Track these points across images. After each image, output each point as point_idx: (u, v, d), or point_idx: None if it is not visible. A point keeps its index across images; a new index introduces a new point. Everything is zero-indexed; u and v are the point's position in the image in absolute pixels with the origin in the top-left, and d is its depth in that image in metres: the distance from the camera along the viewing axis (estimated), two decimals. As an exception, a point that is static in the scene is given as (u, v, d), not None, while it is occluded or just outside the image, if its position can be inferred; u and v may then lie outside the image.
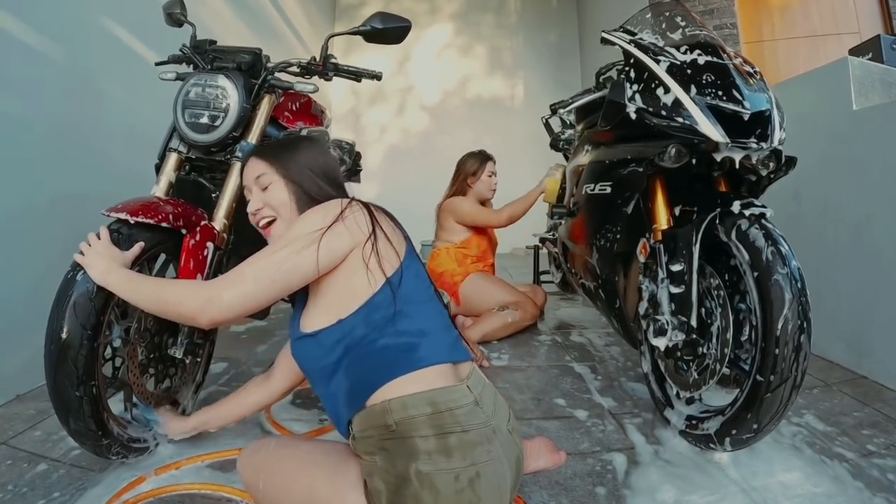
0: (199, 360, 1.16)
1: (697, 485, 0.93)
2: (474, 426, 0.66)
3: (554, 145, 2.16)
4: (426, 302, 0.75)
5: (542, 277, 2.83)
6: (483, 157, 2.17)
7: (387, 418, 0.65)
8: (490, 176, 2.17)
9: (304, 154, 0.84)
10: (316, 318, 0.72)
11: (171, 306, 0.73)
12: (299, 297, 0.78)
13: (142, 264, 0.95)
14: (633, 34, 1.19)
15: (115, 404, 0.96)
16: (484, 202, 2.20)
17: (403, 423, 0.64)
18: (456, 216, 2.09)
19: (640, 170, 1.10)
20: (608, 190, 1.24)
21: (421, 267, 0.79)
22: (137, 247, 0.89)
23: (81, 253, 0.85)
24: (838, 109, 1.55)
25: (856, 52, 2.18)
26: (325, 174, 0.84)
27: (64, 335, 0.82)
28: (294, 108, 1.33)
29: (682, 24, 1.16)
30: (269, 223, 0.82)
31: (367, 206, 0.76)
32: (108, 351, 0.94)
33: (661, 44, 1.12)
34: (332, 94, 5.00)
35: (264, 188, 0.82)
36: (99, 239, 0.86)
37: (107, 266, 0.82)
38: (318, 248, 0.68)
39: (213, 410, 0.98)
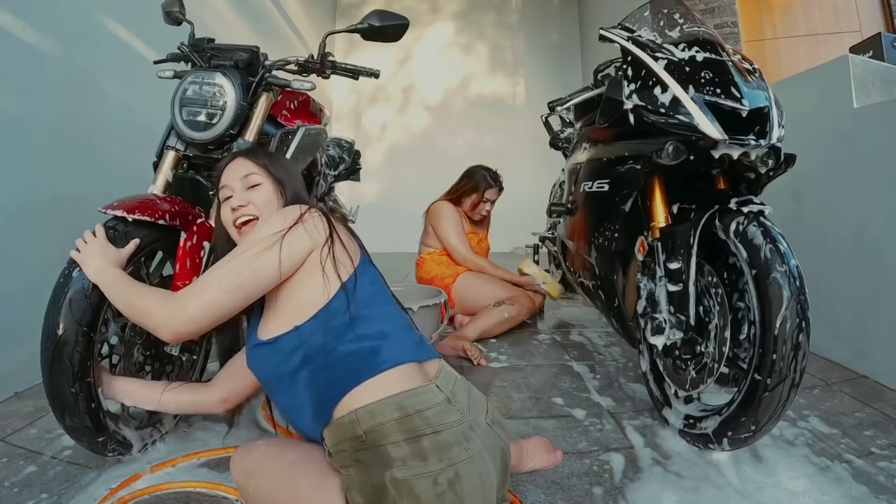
0: (195, 357, 1.16)
1: (701, 493, 0.91)
2: (448, 425, 0.65)
3: (553, 144, 2.15)
4: (384, 305, 0.75)
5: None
6: (487, 182, 2.10)
7: (356, 429, 0.63)
8: (484, 202, 2.11)
9: (291, 165, 0.89)
10: (273, 326, 0.72)
11: (140, 317, 0.72)
12: (256, 306, 0.77)
13: (138, 262, 0.95)
14: (632, 31, 1.19)
15: (114, 403, 0.97)
16: (472, 219, 2.18)
17: (373, 432, 0.63)
18: (434, 224, 2.06)
19: (638, 167, 1.10)
20: (606, 188, 1.23)
21: (377, 274, 0.79)
22: (133, 244, 0.89)
23: (78, 250, 0.85)
24: (839, 108, 1.54)
25: (857, 49, 2.16)
26: (305, 189, 0.88)
27: (59, 332, 0.82)
28: (292, 106, 1.33)
29: (681, 21, 1.15)
30: (247, 222, 0.81)
31: (324, 212, 0.77)
32: (105, 348, 0.94)
33: (659, 41, 1.12)
34: (334, 93, 5.00)
35: (250, 187, 0.82)
36: (95, 236, 0.86)
37: (101, 265, 0.82)
38: (279, 250, 0.68)
39: (135, 387, 0.90)
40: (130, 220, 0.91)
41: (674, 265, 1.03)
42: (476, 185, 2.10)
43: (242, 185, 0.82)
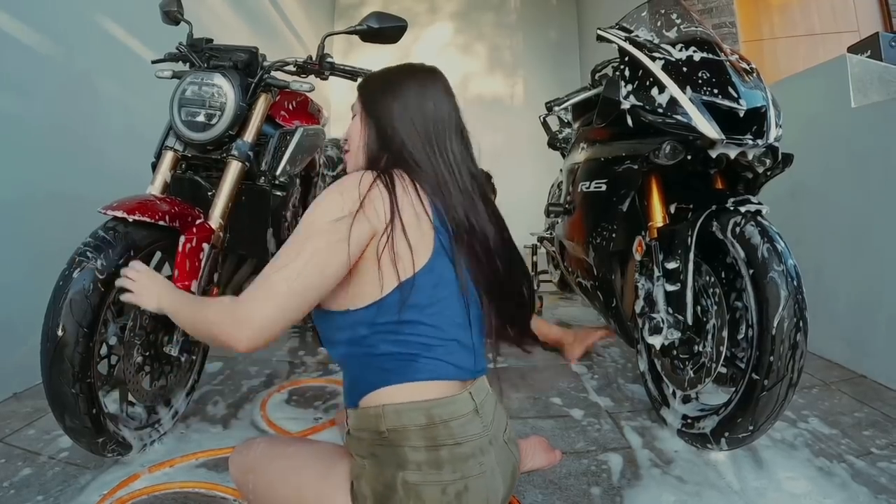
0: (194, 357, 1.16)
1: (700, 494, 0.90)
2: (469, 438, 0.64)
3: (551, 144, 2.15)
4: (441, 313, 0.66)
5: (541, 277, 2.82)
6: None
7: (379, 424, 0.63)
8: None
9: (400, 95, 0.73)
10: (331, 297, 0.67)
11: (206, 330, 0.66)
12: None
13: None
14: (629, 31, 1.19)
15: (112, 403, 0.97)
16: None
17: (395, 432, 0.62)
18: None
19: (636, 167, 1.10)
20: (603, 188, 1.24)
21: (447, 268, 0.68)
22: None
23: (128, 290, 0.81)
24: (837, 107, 1.54)
25: (854, 49, 2.17)
26: (418, 126, 0.71)
27: (60, 332, 0.82)
28: (290, 106, 1.33)
29: (679, 21, 1.15)
30: (346, 152, 0.79)
31: (390, 184, 0.65)
32: (104, 349, 0.95)
33: (656, 41, 1.12)
34: (332, 94, 4.99)
35: (353, 116, 0.78)
36: (137, 270, 0.82)
37: (158, 291, 0.78)
38: (348, 246, 0.62)
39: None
40: (131, 220, 0.91)
41: (671, 265, 1.04)
42: None
43: (351, 113, 0.79)
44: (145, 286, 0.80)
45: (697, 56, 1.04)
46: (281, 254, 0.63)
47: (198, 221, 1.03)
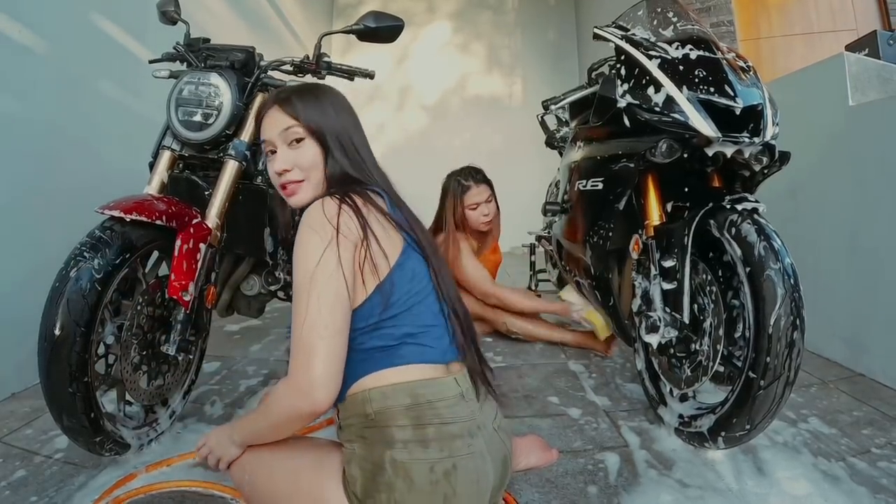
0: (191, 357, 1.16)
1: (698, 495, 0.90)
2: (456, 419, 0.66)
3: (549, 143, 2.15)
4: (419, 304, 0.71)
5: (540, 276, 2.82)
6: (461, 188, 1.76)
7: (366, 408, 0.65)
8: (471, 209, 1.76)
9: (335, 109, 0.76)
10: None
11: (287, 420, 0.66)
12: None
13: (135, 262, 0.95)
14: (626, 30, 1.19)
15: (109, 403, 0.97)
16: (481, 231, 1.86)
17: (381, 414, 0.65)
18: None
19: (632, 165, 1.10)
20: (600, 186, 1.24)
21: (419, 263, 0.73)
22: None
23: (212, 462, 0.78)
24: (834, 106, 1.54)
25: (852, 47, 2.17)
26: (356, 136, 0.78)
27: (57, 332, 0.82)
28: (288, 106, 1.33)
29: (675, 19, 1.15)
30: (296, 183, 0.75)
31: (353, 204, 0.69)
32: (102, 348, 0.95)
33: (653, 39, 1.12)
34: (331, 94, 4.97)
35: (291, 142, 0.73)
36: (203, 443, 0.80)
37: (228, 437, 0.76)
38: (342, 272, 0.64)
39: None
40: (128, 220, 0.91)
41: (668, 263, 1.04)
42: (454, 198, 1.77)
43: (284, 139, 0.74)
44: (218, 443, 0.76)
45: (694, 54, 1.04)
46: (295, 311, 0.65)
47: (195, 221, 1.03)
